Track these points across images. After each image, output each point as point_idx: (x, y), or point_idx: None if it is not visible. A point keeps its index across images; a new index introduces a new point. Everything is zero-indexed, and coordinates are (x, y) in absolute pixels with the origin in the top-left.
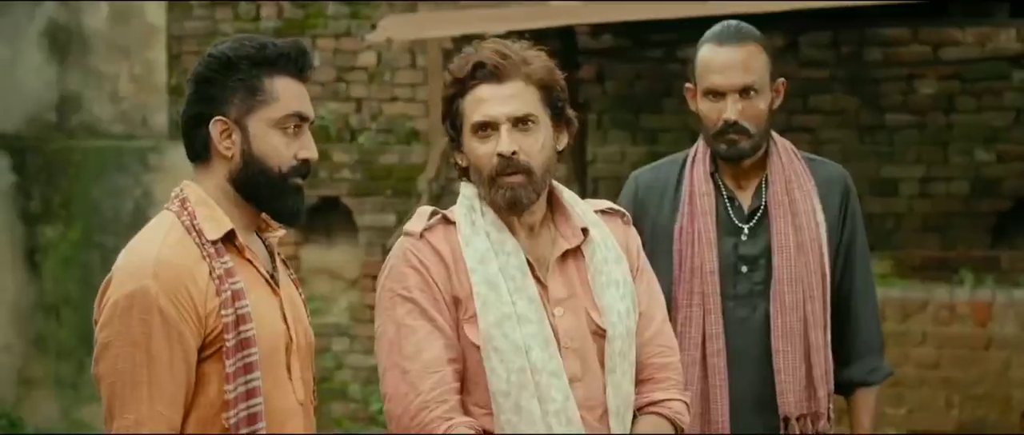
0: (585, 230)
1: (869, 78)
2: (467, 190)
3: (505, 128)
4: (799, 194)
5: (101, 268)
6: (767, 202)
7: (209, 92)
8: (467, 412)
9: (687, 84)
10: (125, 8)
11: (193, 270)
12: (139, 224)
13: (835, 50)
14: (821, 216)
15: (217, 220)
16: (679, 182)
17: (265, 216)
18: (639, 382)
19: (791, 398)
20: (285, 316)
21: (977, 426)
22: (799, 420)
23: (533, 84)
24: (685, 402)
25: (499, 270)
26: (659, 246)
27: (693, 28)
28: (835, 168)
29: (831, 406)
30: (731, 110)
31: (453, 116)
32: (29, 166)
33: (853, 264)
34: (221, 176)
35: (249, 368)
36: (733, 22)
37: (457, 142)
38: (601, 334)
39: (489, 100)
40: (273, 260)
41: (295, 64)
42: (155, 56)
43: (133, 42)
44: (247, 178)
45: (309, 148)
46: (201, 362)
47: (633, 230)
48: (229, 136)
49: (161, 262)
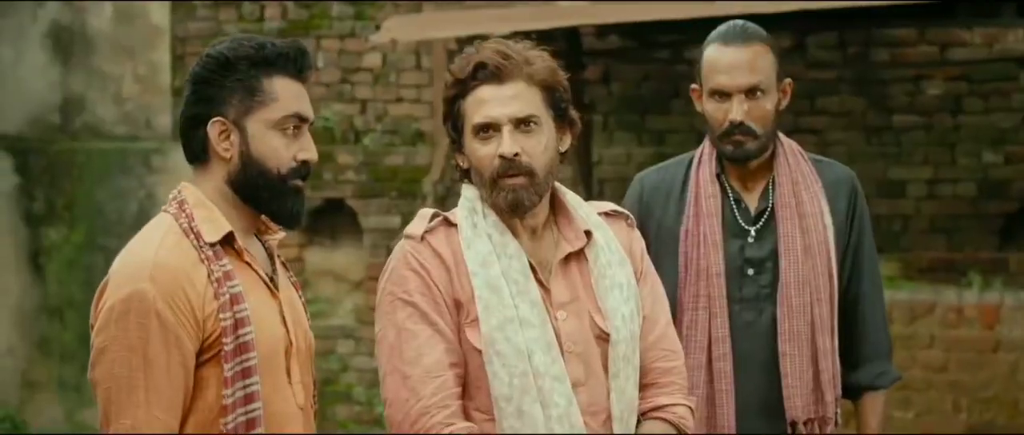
0: (588, 233)
1: (876, 79)
2: (468, 192)
3: (507, 129)
4: (806, 196)
5: (105, 270)
6: (774, 204)
7: (207, 93)
8: (469, 417)
9: (693, 85)
10: (129, 9)
11: (191, 273)
12: (143, 226)
13: (842, 51)
14: (828, 218)
15: (215, 222)
16: (685, 184)
17: (265, 218)
18: (643, 387)
19: (798, 403)
20: (285, 319)
21: (985, 430)
22: (806, 425)
23: (535, 85)
24: (690, 407)
25: (501, 273)
26: (664, 248)
27: (700, 29)
28: (842, 170)
29: (838, 411)
30: (737, 111)
31: (454, 117)
32: (32, 168)
33: (861, 267)
34: (219, 178)
35: (248, 372)
36: (739, 22)
37: (458, 144)
38: (604, 338)
39: (490, 101)
40: (273, 263)
41: (294, 64)
42: (159, 57)
43: (137, 43)
44: (246, 180)
45: (309, 149)
46: (199, 366)
47: (637, 233)
48: (227, 137)
49: (158, 265)
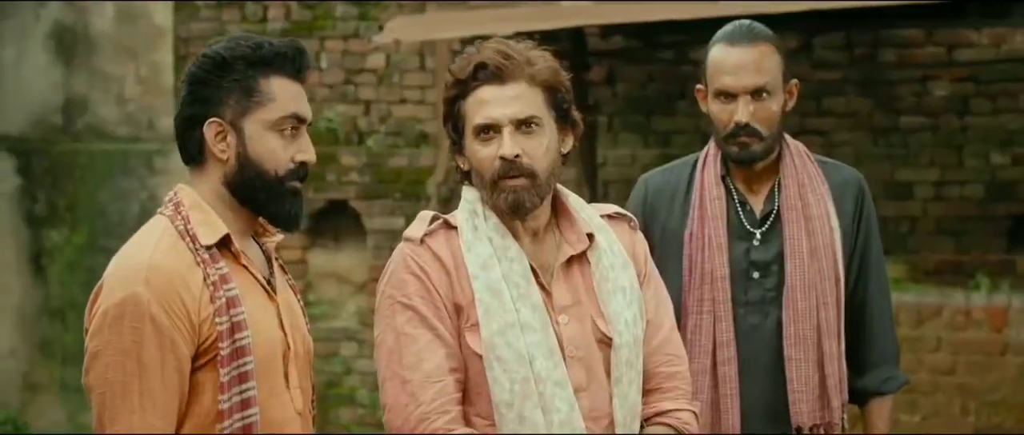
0: (590, 235)
1: (883, 80)
2: (469, 194)
3: (508, 130)
4: (812, 198)
5: None
6: (780, 206)
7: (203, 93)
8: (469, 423)
9: (698, 85)
10: (131, 9)
11: (186, 276)
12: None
13: (849, 52)
14: (835, 221)
15: (212, 225)
16: (689, 186)
17: (262, 221)
18: (646, 392)
19: (804, 408)
20: (282, 323)
21: (993, 433)
22: (812, 430)
23: (537, 85)
24: (694, 412)
25: (502, 276)
26: (669, 251)
27: (705, 29)
28: (849, 171)
29: (845, 416)
30: (743, 112)
31: (454, 118)
32: (34, 169)
33: (868, 270)
34: (216, 179)
35: (244, 377)
36: (745, 22)
37: (459, 145)
38: (607, 342)
39: (491, 102)
40: (270, 266)
41: (292, 64)
42: (161, 58)
43: (139, 44)
44: (243, 181)
45: (307, 150)
46: (195, 371)
47: (640, 235)
48: (224, 138)
49: (153, 268)
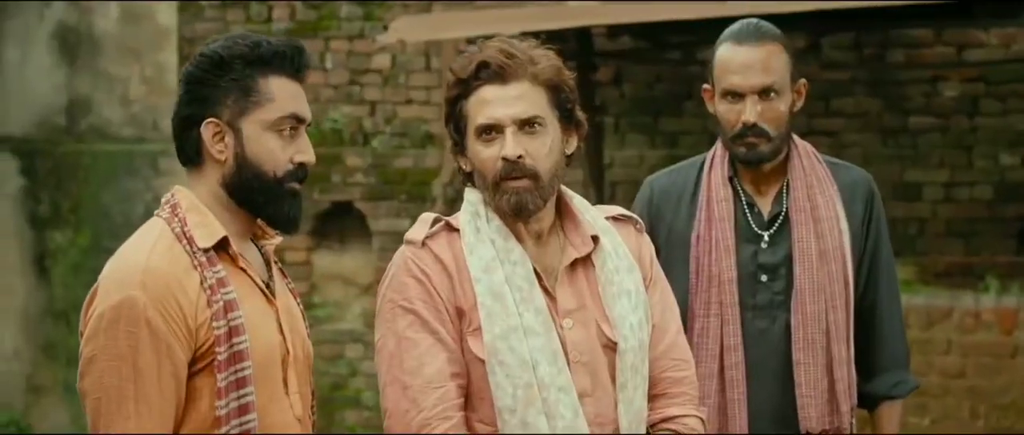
0: (595, 238)
1: (892, 80)
2: (472, 196)
3: (510, 131)
4: (821, 200)
5: None
6: (788, 208)
7: (201, 93)
8: (471, 429)
9: (705, 85)
10: (135, 10)
11: (183, 280)
12: None
13: (857, 52)
14: (844, 223)
15: (209, 227)
16: (696, 187)
17: (261, 223)
18: (652, 397)
19: (812, 413)
20: (281, 327)
21: None
22: None
23: (540, 85)
24: (701, 418)
25: (505, 280)
26: (675, 254)
27: (712, 29)
28: (859, 172)
29: (854, 421)
30: (750, 112)
31: (456, 118)
32: (38, 170)
33: (877, 273)
34: (214, 181)
35: (242, 383)
36: (753, 20)
37: (461, 146)
38: (612, 347)
39: (493, 102)
40: (269, 269)
41: (291, 63)
42: (166, 58)
43: (144, 44)
44: (241, 183)
45: (306, 151)
46: (192, 376)
47: (646, 238)
48: (222, 139)
49: (149, 271)
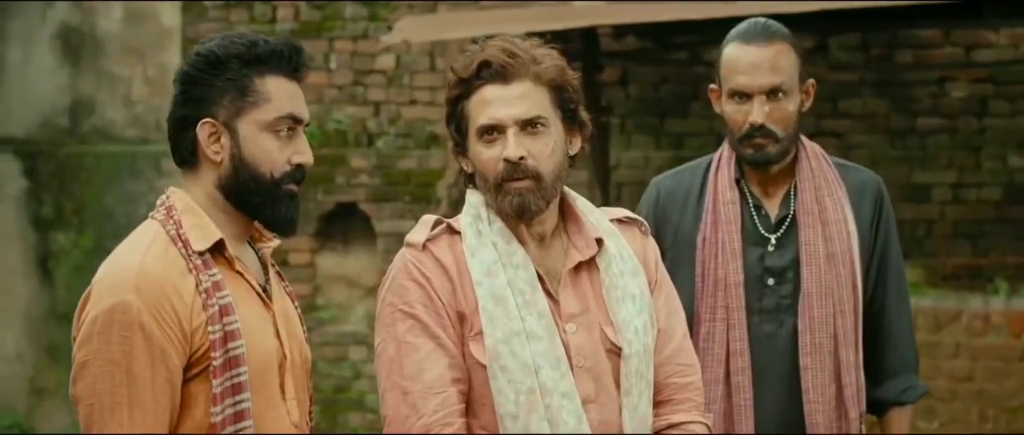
0: (599, 241)
1: (900, 81)
2: (473, 197)
3: (512, 131)
4: (830, 202)
5: None
6: (796, 210)
7: (196, 93)
8: None
9: (711, 85)
10: (139, 10)
11: (178, 283)
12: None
13: (865, 52)
14: (853, 225)
15: (205, 229)
16: (702, 189)
17: (258, 225)
18: (657, 403)
19: (820, 419)
20: (278, 332)
21: None
22: None
23: (543, 84)
24: (706, 425)
25: (507, 283)
26: (681, 256)
27: (719, 29)
28: (867, 174)
29: (863, 427)
30: (758, 113)
31: (457, 119)
32: (41, 171)
33: (886, 276)
34: (209, 182)
35: (238, 389)
36: (760, 20)
37: (462, 146)
38: (616, 352)
39: (495, 102)
40: (266, 272)
41: (288, 62)
42: (169, 59)
43: (147, 44)
44: (237, 184)
45: (304, 152)
46: (186, 382)
47: (651, 240)
48: (218, 140)
49: (143, 275)
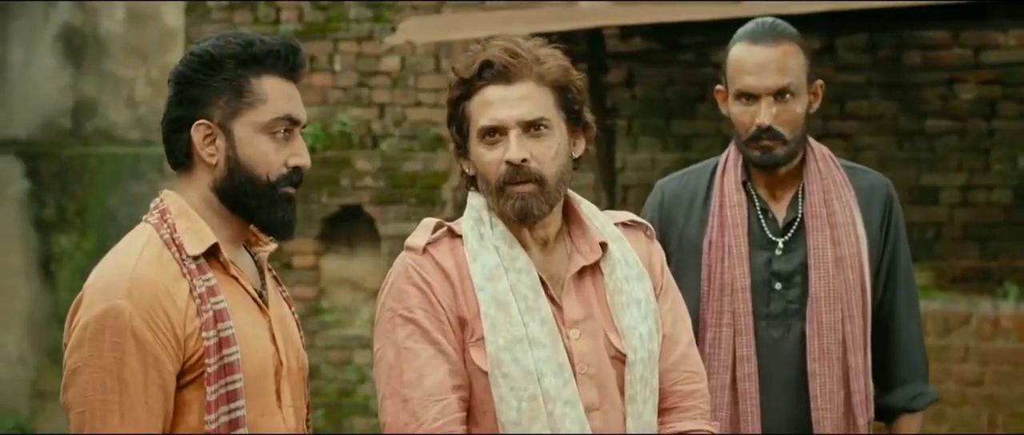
0: (604, 245)
1: (908, 82)
2: (475, 201)
3: (514, 133)
4: (838, 205)
5: None
6: (803, 214)
7: (191, 93)
8: None
9: (718, 86)
10: (142, 10)
11: (171, 288)
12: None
13: (873, 54)
14: (862, 229)
15: (199, 233)
16: (708, 192)
17: (254, 229)
18: (662, 411)
19: (828, 426)
20: (275, 338)
21: None
22: None
23: (546, 85)
24: (713, 433)
25: (509, 288)
26: (686, 261)
27: (726, 30)
28: (877, 177)
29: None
30: (765, 114)
31: (459, 120)
32: (43, 173)
33: (896, 280)
34: (204, 185)
35: (233, 396)
36: (768, 19)
37: (463, 148)
38: (620, 359)
39: (497, 103)
40: (263, 277)
41: (285, 62)
42: (172, 60)
43: (150, 46)
44: (233, 187)
45: (301, 154)
46: (180, 389)
47: (657, 245)
48: (213, 141)
49: (136, 280)
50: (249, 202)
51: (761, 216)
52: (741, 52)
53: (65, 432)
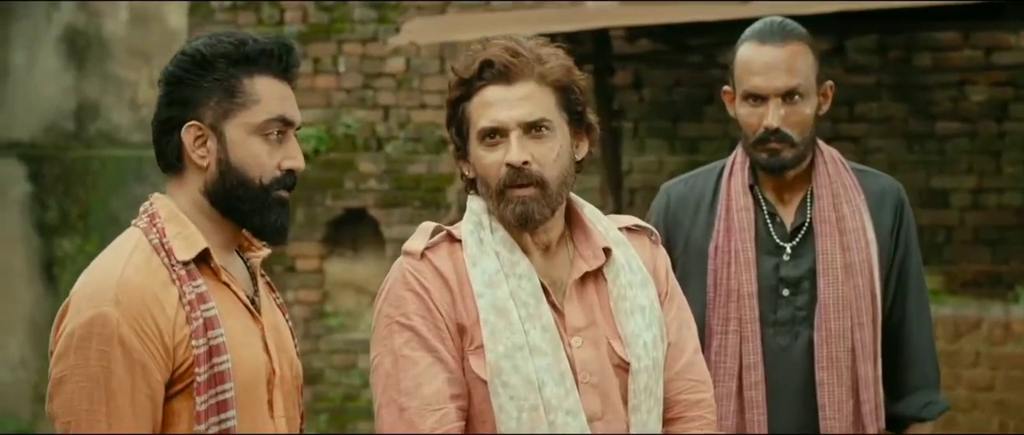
0: (607, 250)
1: (918, 84)
2: (475, 204)
3: (515, 135)
4: (847, 209)
5: None
6: (812, 218)
7: (181, 94)
8: None
9: (725, 87)
10: (145, 12)
11: (160, 295)
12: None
13: (882, 55)
14: (872, 234)
15: (189, 238)
16: (715, 195)
17: (246, 234)
18: (667, 421)
19: None
20: (267, 346)
21: None
22: None
23: (548, 85)
24: None
25: (509, 295)
26: (692, 266)
27: (734, 31)
28: (887, 180)
29: None
30: (773, 116)
31: (458, 121)
32: (46, 176)
33: (907, 286)
34: (195, 188)
35: (223, 406)
36: (776, 19)
37: (463, 150)
38: (624, 367)
39: (497, 104)
40: (255, 283)
41: (279, 62)
42: None
43: (153, 47)
44: (224, 190)
45: (295, 157)
46: (169, 399)
47: (662, 250)
48: (203, 143)
49: (123, 286)
50: (241, 206)
51: (768, 220)
52: (749, 52)
53: None
